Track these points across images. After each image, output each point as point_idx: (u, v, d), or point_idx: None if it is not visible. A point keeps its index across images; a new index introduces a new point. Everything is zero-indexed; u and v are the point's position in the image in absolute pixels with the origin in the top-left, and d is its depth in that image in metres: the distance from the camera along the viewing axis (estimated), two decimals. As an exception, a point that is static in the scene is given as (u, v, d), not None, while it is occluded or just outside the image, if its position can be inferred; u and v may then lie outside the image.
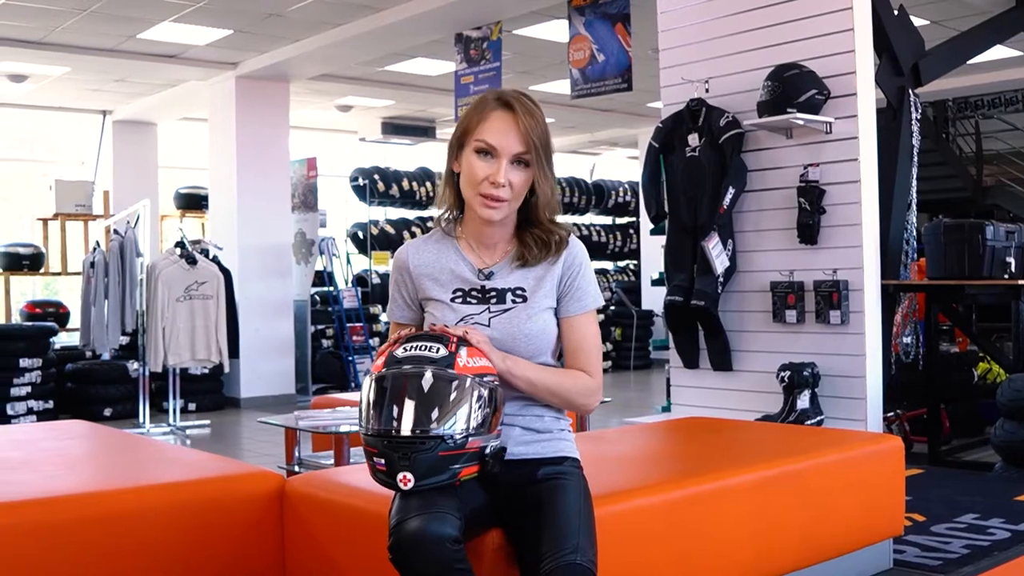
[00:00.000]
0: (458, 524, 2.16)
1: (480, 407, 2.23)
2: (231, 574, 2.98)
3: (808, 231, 5.61)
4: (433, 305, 2.54)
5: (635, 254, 16.64)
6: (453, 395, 2.20)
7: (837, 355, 5.58)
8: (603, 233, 17.30)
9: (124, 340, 9.51)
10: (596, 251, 17.31)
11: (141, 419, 9.00)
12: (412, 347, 2.27)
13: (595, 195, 17.16)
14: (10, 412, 9.11)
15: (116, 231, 9.08)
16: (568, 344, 2.54)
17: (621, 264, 17.66)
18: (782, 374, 5.54)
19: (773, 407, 5.65)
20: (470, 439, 2.21)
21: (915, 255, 6.67)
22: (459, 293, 2.52)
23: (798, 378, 5.48)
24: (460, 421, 2.20)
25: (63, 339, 10.71)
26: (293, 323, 11.25)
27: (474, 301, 2.51)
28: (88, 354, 9.74)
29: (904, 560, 3.81)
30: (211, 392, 10.56)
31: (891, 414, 6.85)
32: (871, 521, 3.49)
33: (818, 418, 5.48)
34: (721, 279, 5.86)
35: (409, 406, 2.19)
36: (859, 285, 5.51)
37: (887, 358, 6.41)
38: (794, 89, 5.45)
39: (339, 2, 8.52)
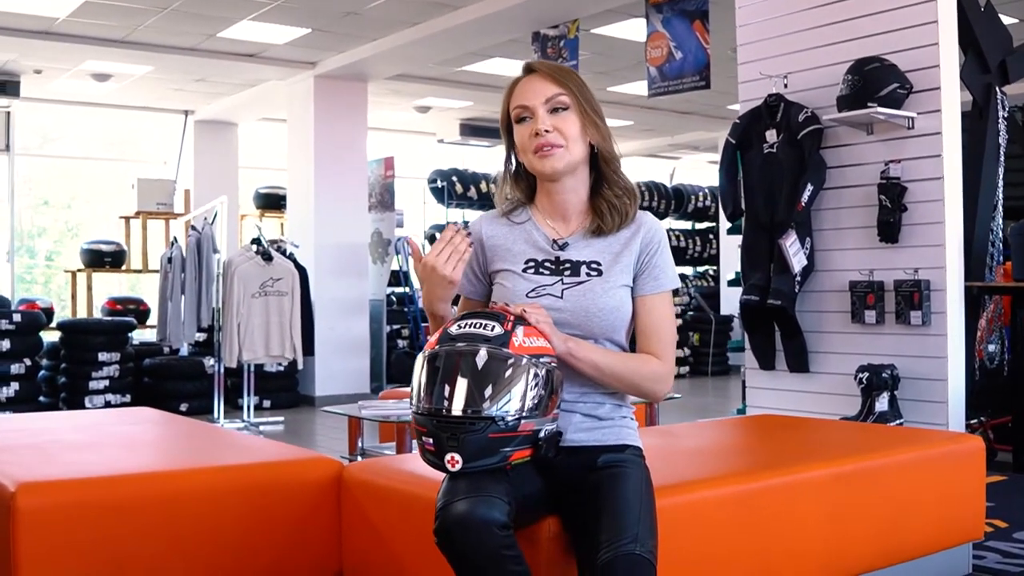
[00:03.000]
0: (506, 509, 2.07)
1: (535, 388, 2.14)
2: (288, 557, 2.96)
3: (889, 229, 5.46)
4: (504, 275, 2.48)
5: (714, 259, 16.44)
6: (507, 375, 2.12)
7: (918, 357, 5.42)
8: (683, 238, 17.11)
9: (201, 336, 9.63)
10: (675, 256, 17.01)
11: (215, 414, 9.08)
12: (467, 324, 2.20)
13: (675, 200, 16.99)
14: (88, 405, 9.25)
15: (194, 227, 9.19)
16: (641, 325, 2.45)
17: (700, 269, 17.47)
18: (860, 375, 5.40)
19: (851, 410, 5.51)
20: (523, 421, 2.12)
21: (1001, 258, 6.46)
22: (531, 263, 2.46)
23: (877, 380, 5.33)
24: (514, 402, 2.11)
25: (143, 335, 10.87)
26: (369, 322, 11.28)
27: (547, 272, 2.44)
28: (166, 349, 9.88)
29: (984, 566, 3.66)
30: (286, 390, 10.62)
31: (975, 421, 6.64)
32: (950, 523, 3.35)
33: (897, 421, 5.33)
34: (799, 278, 5.73)
35: (461, 385, 2.11)
36: (941, 285, 5.35)
37: (971, 363, 6.22)
38: (875, 83, 5.31)
39: (416, 0, 8.51)
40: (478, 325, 2.18)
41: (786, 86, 5.89)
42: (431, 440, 2.13)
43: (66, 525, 2.68)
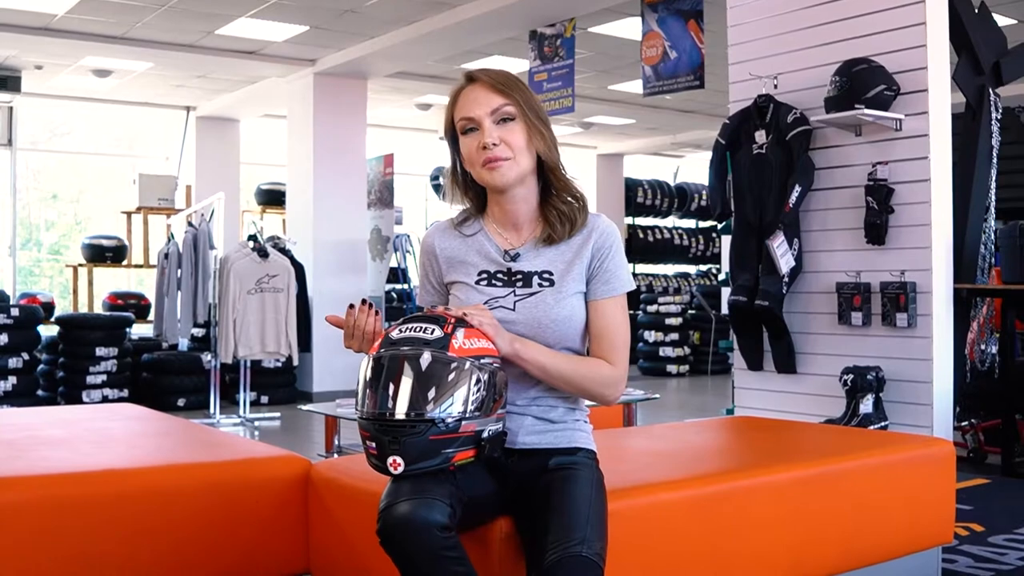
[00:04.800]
0: (448, 511, 2.08)
1: (478, 390, 2.15)
2: (255, 555, 2.97)
3: (875, 231, 5.46)
4: (458, 287, 2.49)
5: (717, 258, 16.44)
6: (451, 377, 2.13)
7: (903, 359, 5.41)
8: (685, 236, 17.14)
9: (198, 332, 9.66)
10: (678, 254, 17.16)
11: (212, 410, 9.10)
12: (407, 328, 2.21)
13: (678, 198, 17.03)
14: (86, 400, 9.29)
15: (191, 224, 9.22)
16: (593, 329, 2.45)
17: (703, 268, 17.48)
18: (844, 377, 5.40)
19: (838, 411, 5.51)
20: (463, 423, 2.13)
21: (994, 260, 6.45)
22: (484, 275, 2.47)
23: (861, 382, 5.33)
24: (456, 405, 2.12)
25: (143, 330, 10.90)
26: (367, 319, 11.26)
27: (499, 284, 2.45)
28: (164, 345, 9.90)
29: (954, 570, 3.66)
30: (284, 386, 10.64)
31: (966, 423, 6.64)
32: (918, 527, 3.35)
33: (882, 423, 5.33)
34: (786, 279, 5.74)
35: (405, 388, 2.12)
36: (927, 287, 5.34)
37: (961, 365, 6.21)
38: (862, 84, 5.30)
39: (414, -2, 8.56)
40: (418, 329, 2.19)
41: (776, 87, 5.89)
42: (374, 444, 2.14)
43: (35, 520, 2.69)
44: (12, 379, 9.07)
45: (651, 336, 13.89)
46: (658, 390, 12.18)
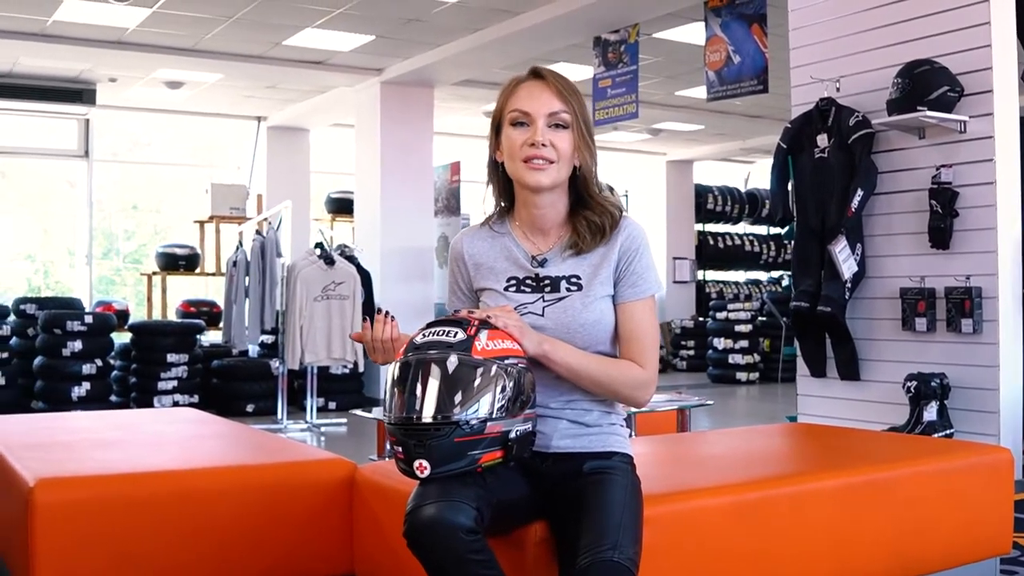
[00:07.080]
0: (474, 514, 2.07)
1: (503, 392, 2.14)
2: (300, 557, 3.01)
3: (940, 235, 5.37)
4: (488, 294, 2.49)
5: (789, 265, 16.24)
6: (478, 381, 2.12)
7: (969, 366, 5.32)
8: (756, 243, 16.98)
9: (268, 339, 9.77)
10: (749, 260, 17.00)
11: (279, 415, 9.20)
12: (431, 332, 2.21)
13: (748, 204, 16.87)
14: (157, 405, 9.44)
15: (258, 232, 9.33)
16: (622, 332, 2.43)
17: (775, 275, 17.30)
18: (908, 384, 5.31)
19: (902, 419, 5.42)
20: (489, 424, 2.12)
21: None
22: (513, 281, 2.46)
23: (925, 389, 5.24)
24: (483, 407, 2.12)
25: (215, 337, 11.06)
26: (434, 326, 11.31)
27: (528, 290, 2.44)
28: (234, 351, 10.04)
29: (1014, 580, 3.58)
30: (352, 392, 10.72)
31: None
32: (974, 537, 3.27)
33: (947, 431, 5.23)
34: (849, 284, 5.66)
35: (432, 392, 2.12)
36: (993, 292, 5.24)
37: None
38: (925, 86, 5.22)
39: (478, 7, 8.56)
40: (441, 332, 2.19)
41: (838, 90, 5.82)
42: (400, 448, 2.15)
43: (82, 520, 2.75)
44: (86, 384, 9.27)
45: (720, 343, 13.75)
46: (727, 398, 12.08)
